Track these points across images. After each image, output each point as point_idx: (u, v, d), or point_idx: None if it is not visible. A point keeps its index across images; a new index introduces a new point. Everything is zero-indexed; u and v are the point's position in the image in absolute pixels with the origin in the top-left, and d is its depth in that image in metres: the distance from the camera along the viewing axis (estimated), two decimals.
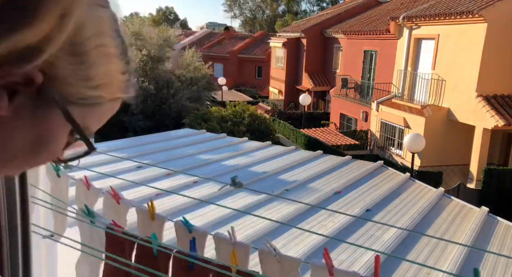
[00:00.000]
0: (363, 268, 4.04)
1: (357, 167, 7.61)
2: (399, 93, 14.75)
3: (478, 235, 5.17)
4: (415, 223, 5.35)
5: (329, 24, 22.69)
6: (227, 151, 7.85)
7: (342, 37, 19.73)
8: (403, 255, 4.37)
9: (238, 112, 15.03)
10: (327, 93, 21.50)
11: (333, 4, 38.57)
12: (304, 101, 18.69)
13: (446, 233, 5.23)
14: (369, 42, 17.09)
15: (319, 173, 7.05)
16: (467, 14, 11.62)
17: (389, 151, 14.78)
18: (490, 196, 10.54)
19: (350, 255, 4.29)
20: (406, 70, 14.48)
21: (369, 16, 19.39)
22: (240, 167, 6.95)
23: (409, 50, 14.34)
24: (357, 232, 4.92)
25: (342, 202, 5.97)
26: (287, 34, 24.92)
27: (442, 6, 13.33)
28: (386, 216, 5.57)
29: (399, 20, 14.34)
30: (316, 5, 45.35)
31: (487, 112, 11.28)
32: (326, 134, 16.26)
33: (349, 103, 17.64)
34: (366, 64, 17.62)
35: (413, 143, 10.27)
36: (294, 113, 21.06)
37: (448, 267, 4.17)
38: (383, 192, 6.34)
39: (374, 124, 15.53)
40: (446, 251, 4.58)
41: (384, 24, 16.23)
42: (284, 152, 8.29)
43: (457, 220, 5.69)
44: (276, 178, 6.78)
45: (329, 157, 8.23)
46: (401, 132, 14.05)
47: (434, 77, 13.16)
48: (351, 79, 17.94)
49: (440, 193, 6.53)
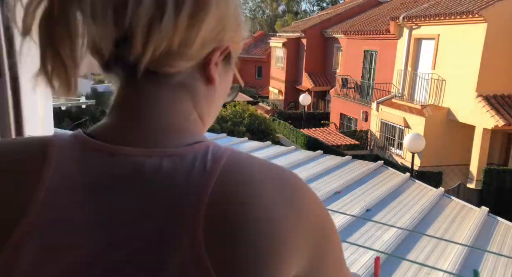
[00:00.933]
0: (363, 268, 4.04)
1: (357, 167, 7.61)
2: (399, 93, 14.75)
3: (478, 235, 5.18)
4: (415, 223, 5.35)
5: (329, 24, 22.67)
6: None
7: (342, 37, 19.73)
8: (403, 255, 4.37)
9: (238, 112, 15.03)
10: (327, 93, 21.50)
11: (333, 4, 38.58)
12: (304, 101, 18.69)
13: (446, 233, 5.23)
14: (369, 42, 17.09)
15: (319, 173, 7.06)
16: (467, 14, 11.62)
17: (389, 151, 14.78)
18: (490, 196, 10.53)
19: (350, 255, 4.29)
20: (406, 70, 14.48)
21: (369, 16, 19.39)
22: None
23: (409, 50, 14.34)
24: (357, 232, 4.92)
25: (342, 202, 5.97)
26: (287, 34, 24.92)
27: (442, 6, 13.33)
28: (386, 216, 5.58)
29: (399, 20, 14.34)
30: (316, 5, 45.36)
31: (487, 112, 11.28)
32: (326, 134, 16.26)
33: (349, 103, 17.63)
34: (366, 64, 17.62)
35: (413, 143, 10.27)
36: (294, 113, 21.05)
37: (448, 267, 4.17)
38: (383, 192, 6.34)
39: (374, 124, 15.53)
40: (446, 251, 4.58)
41: (384, 24, 16.23)
42: (284, 152, 8.30)
43: (457, 220, 5.69)
44: None
45: (329, 157, 8.24)
46: (401, 132, 14.04)
47: (434, 77, 13.15)
48: (351, 79, 17.93)
49: (440, 193, 6.54)
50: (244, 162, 0.49)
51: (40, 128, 2.39)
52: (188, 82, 0.52)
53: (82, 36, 0.46)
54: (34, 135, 0.55)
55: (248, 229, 0.44)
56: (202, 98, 0.54)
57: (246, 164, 0.49)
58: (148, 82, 0.50)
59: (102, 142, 0.49)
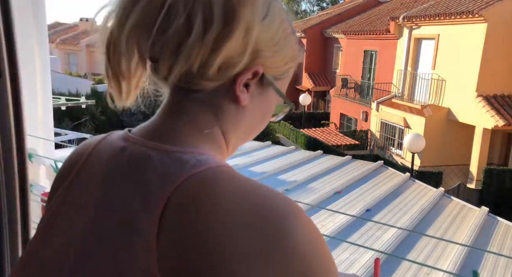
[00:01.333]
0: (363, 268, 4.04)
1: (357, 167, 7.62)
2: (399, 93, 14.75)
3: (478, 235, 5.17)
4: (415, 223, 5.36)
5: (329, 24, 22.66)
6: None
7: (342, 37, 19.73)
8: (403, 255, 4.37)
9: None
10: (327, 93, 21.50)
11: (333, 4, 38.55)
12: (304, 101, 18.68)
13: (446, 233, 5.23)
14: (369, 42, 17.09)
15: (319, 173, 7.06)
16: (467, 14, 11.62)
17: (389, 151, 14.78)
18: (490, 196, 10.53)
19: (350, 255, 4.29)
20: (406, 70, 14.48)
21: (369, 16, 19.38)
22: (240, 167, 6.95)
23: (409, 50, 14.34)
24: (357, 232, 4.92)
25: (342, 202, 5.98)
26: None
27: (442, 6, 13.33)
28: (386, 216, 5.58)
29: (399, 20, 14.34)
30: (316, 5, 45.33)
31: (487, 112, 11.28)
32: (326, 134, 16.26)
33: (349, 103, 17.63)
34: (366, 64, 17.62)
35: (413, 143, 10.27)
36: (294, 113, 21.02)
37: (448, 267, 4.17)
38: (383, 192, 6.35)
39: (374, 124, 15.53)
40: (446, 251, 4.58)
41: (384, 24, 16.22)
42: (284, 152, 8.30)
43: (457, 220, 5.69)
44: (276, 178, 6.79)
45: (329, 157, 8.25)
46: (401, 132, 14.04)
47: (434, 77, 13.15)
48: (351, 79, 17.93)
49: (440, 193, 6.54)
50: (219, 182, 0.48)
51: (40, 128, 2.39)
52: (213, 99, 0.56)
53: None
54: (35, 135, 0.58)
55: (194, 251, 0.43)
56: (228, 116, 0.57)
57: (219, 183, 0.47)
58: (179, 95, 0.57)
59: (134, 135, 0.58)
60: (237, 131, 0.59)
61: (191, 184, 0.47)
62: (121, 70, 0.55)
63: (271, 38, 0.55)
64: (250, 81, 0.56)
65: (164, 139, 0.54)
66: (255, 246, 0.43)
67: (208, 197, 0.45)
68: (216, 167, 0.50)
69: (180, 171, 0.48)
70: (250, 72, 0.54)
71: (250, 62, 0.54)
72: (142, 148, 0.54)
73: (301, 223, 0.45)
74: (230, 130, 0.58)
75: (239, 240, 0.43)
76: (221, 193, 0.46)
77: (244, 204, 0.45)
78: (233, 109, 0.57)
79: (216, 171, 0.49)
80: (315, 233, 0.47)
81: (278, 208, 0.46)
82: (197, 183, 0.47)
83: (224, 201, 0.45)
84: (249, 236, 0.43)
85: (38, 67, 2.22)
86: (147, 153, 0.52)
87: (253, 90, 0.57)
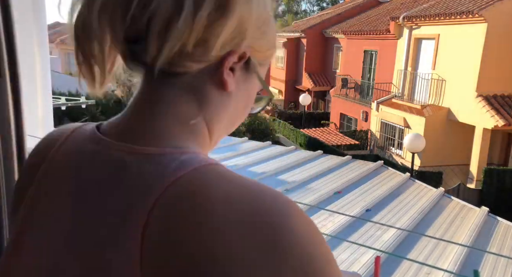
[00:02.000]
0: (363, 268, 4.04)
1: (357, 167, 7.62)
2: (399, 93, 14.75)
3: (478, 235, 5.17)
4: (415, 223, 5.35)
5: (329, 24, 22.67)
6: (227, 151, 7.86)
7: (342, 37, 19.73)
8: (403, 255, 4.37)
9: None
10: (327, 93, 21.49)
11: (333, 4, 38.55)
12: (304, 101, 18.69)
13: (446, 233, 5.23)
14: (369, 42, 17.09)
15: (319, 173, 7.06)
16: (467, 14, 11.62)
17: (389, 151, 14.78)
18: (490, 196, 10.53)
19: (350, 255, 4.29)
20: (406, 70, 14.48)
21: (369, 16, 19.38)
22: (240, 167, 6.95)
23: (409, 50, 14.33)
24: (357, 232, 4.92)
25: (342, 202, 5.98)
26: (287, 34, 24.91)
27: (442, 6, 13.33)
28: (386, 216, 5.58)
29: (399, 20, 14.34)
30: (316, 5, 45.33)
31: (487, 112, 11.28)
32: (326, 134, 16.26)
33: (349, 103, 17.63)
34: (366, 64, 17.62)
35: (413, 143, 10.28)
36: (294, 113, 21.05)
37: (448, 267, 4.17)
38: (383, 192, 6.34)
39: (374, 124, 15.53)
40: (446, 251, 4.58)
41: (384, 24, 16.22)
42: (284, 152, 8.30)
43: (457, 220, 5.69)
44: (276, 178, 6.79)
45: (329, 157, 8.24)
46: (401, 132, 14.04)
47: (434, 77, 13.15)
48: (351, 79, 17.93)
49: (440, 193, 6.54)
50: (207, 185, 0.43)
51: (40, 128, 2.39)
52: (196, 84, 0.50)
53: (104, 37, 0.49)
54: (35, 135, 0.57)
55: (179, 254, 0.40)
56: (212, 103, 0.52)
57: (207, 187, 0.43)
58: (155, 81, 0.50)
59: (100, 133, 0.52)
60: (221, 121, 0.54)
61: (175, 192, 0.42)
62: (93, 53, 0.49)
63: (258, 18, 0.52)
64: (236, 65, 0.51)
65: (139, 139, 0.48)
66: (255, 258, 0.39)
67: (195, 208, 0.41)
68: (201, 166, 0.44)
69: (161, 177, 0.43)
70: (237, 54, 0.50)
71: (238, 43, 0.50)
72: (117, 153, 0.48)
73: (300, 223, 0.43)
74: (214, 120, 0.53)
75: (235, 252, 0.39)
76: (209, 201, 0.41)
77: (238, 210, 0.41)
78: (218, 96, 0.52)
79: (202, 172, 0.44)
80: (314, 233, 0.44)
81: (277, 209, 0.42)
82: (182, 189, 0.42)
83: (214, 209, 0.41)
84: (246, 247, 0.39)
85: (38, 67, 2.21)
86: (122, 159, 0.47)
87: (238, 75, 0.53)
